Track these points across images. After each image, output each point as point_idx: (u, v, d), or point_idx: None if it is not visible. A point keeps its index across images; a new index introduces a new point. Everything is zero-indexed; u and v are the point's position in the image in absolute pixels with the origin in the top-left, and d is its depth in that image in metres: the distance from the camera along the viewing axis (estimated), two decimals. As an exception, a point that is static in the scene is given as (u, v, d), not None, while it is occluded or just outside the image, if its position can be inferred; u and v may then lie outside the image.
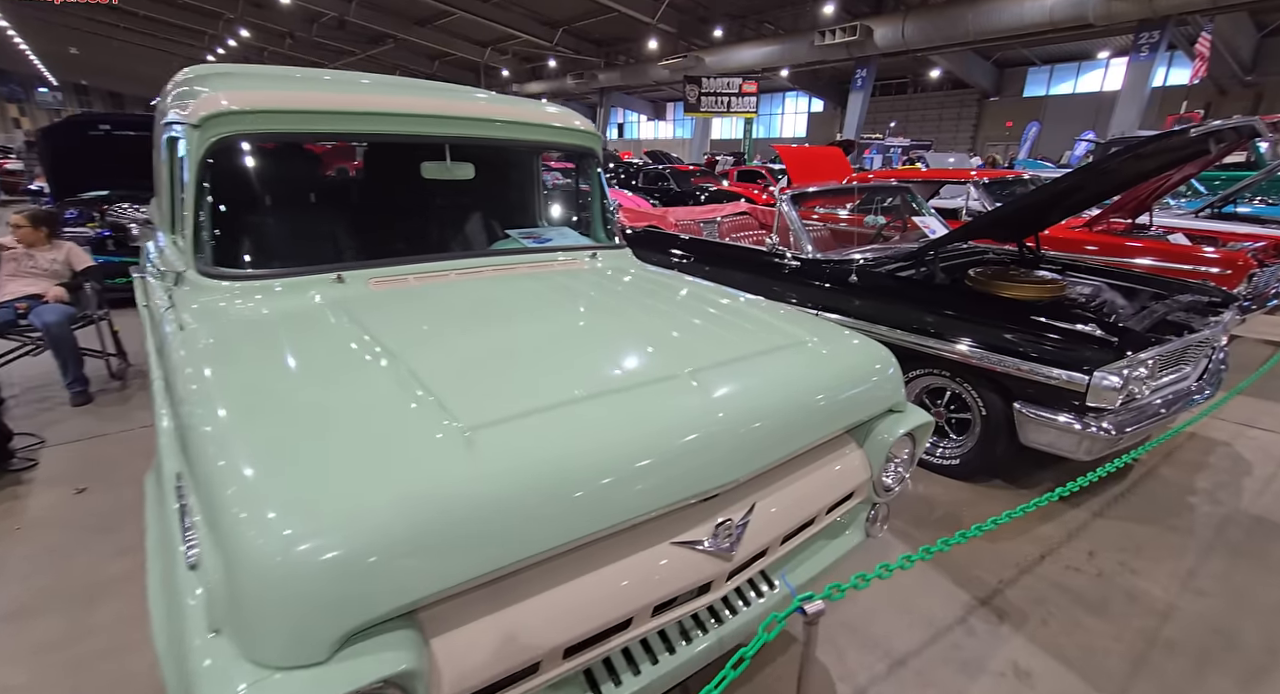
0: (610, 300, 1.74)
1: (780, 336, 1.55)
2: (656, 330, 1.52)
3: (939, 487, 2.68)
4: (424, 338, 1.31)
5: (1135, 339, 2.29)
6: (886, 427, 1.55)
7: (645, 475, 1.03)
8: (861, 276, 2.95)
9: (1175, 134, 2.17)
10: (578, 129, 2.23)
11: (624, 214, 4.43)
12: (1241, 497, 2.61)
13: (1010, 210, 2.62)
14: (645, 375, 1.22)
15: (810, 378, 1.41)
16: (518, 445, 0.96)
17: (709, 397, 1.21)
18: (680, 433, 1.11)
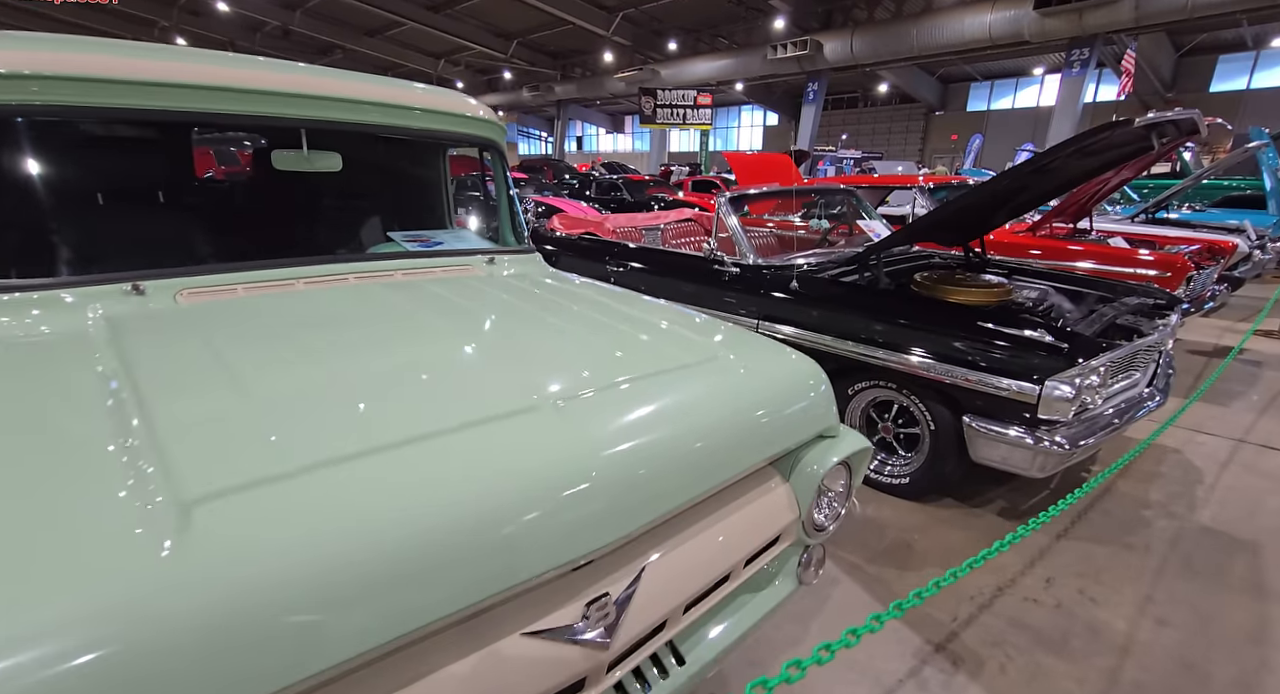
0: (487, 312, 1.46)
1: (688, 352, 1.29)
2: (530, 347, 1.25)
3: (889, 508, 2.47)
4: (202, 370, 1.00)
5: (1086, 345, 2.14)
6: (817, 455, 1.31)
7: (463, 554, 0.75)
8: (802, 283, 2.75)
9: (1120, 124, 2.05)
10: (473, 117, 1.96)
11: (560, 221, 4.17)
12: (1195, 508, 2.50)
13: (950, 211, 2.48)
14: (492, 408, 0.95)
15: (721, 401, 1.16)
16: (250, 529, 0.66)
17: (580, 431, 0.94)
18: (529, 485, 0.83)
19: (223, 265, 1.41)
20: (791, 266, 2.92)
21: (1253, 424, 3.31)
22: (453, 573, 0.74)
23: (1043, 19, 13.35)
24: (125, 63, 1.35)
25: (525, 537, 0.80)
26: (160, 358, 1.02)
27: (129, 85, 1.33)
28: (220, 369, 0.99)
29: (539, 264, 2.00)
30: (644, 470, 0.96)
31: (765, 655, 1.73)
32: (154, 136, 1.64)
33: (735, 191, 3.29)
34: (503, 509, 0.80)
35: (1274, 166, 7.06)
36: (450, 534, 0.75)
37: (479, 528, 0.78)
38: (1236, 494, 2.60)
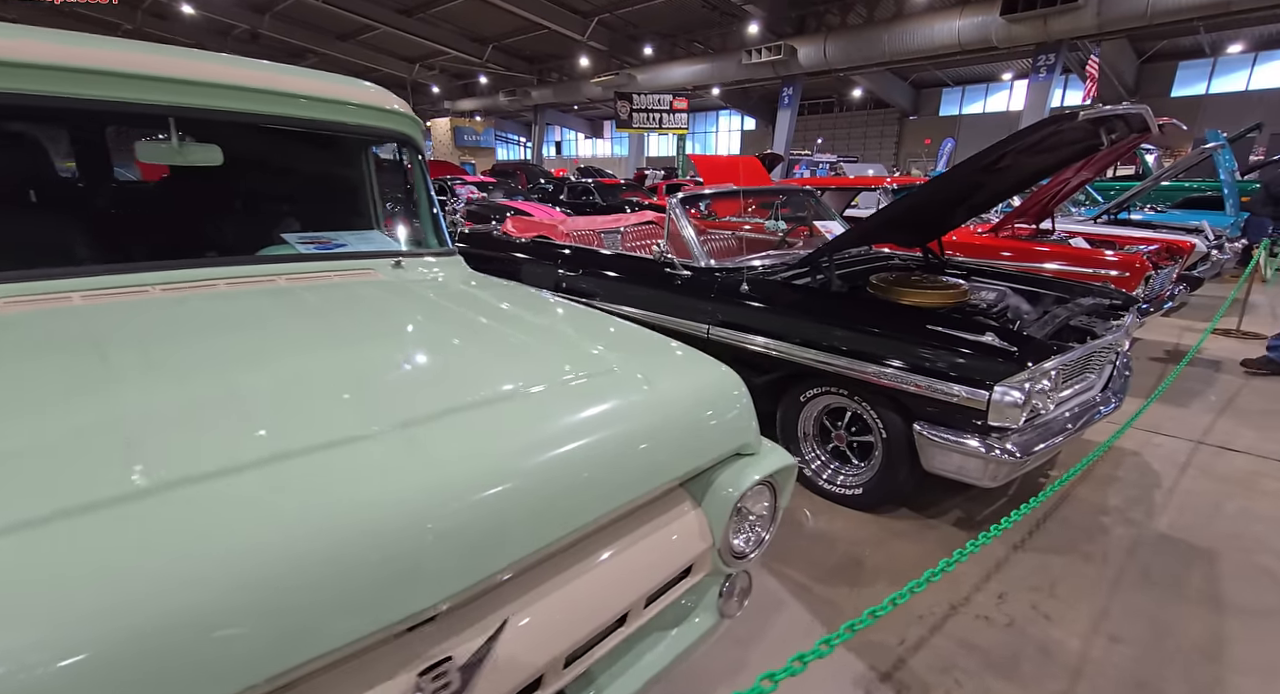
0: (365, 321, 1.31)
1: (583, 364, 1.16)
2: (398, 362, 1.11)
3: (840, 521, 2.37)
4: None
5: (1036, 348, 2.06)
6: (733, 475, 1.19)
7: (250, 619, 0.61)
8: (752, 286, 2.64)
9: (1064, 117, 1.97)
10: (383, 109, 1.82)
11: (514, 223, 4.03)
12: (1153, 514, 2.43)
13: (898, 210, 2.39)
14: (316, 437, 0.80)
15: (611, 420, 1.03)
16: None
17: (422, 463, 0.81)
18: (344, 533, 0.69)
19: (65, 269, 1.25)
20: (743, 269, 2.81)
21: (1210, 425, 3.28)
22: (235, 643, 0.60)
23: (1009, 25, 13.57)
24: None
25: (331, 594, 0.66)
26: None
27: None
28: (18, 391, 0.84)
29: (458, 267, 1.86)
30: (505, 506, 0.83)
31: (702, 688, 1.60)
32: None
33: (688, 192, 3.18)
34: (305, 564, 0.66)
35: (1230, 168, 7.19)
36: (232, 594, 0.61)
37: (270, 585, 0.63)
38: (1194, 498, 2.54)
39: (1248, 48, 17.68)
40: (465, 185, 9.02)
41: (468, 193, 8.76)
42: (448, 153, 28.76)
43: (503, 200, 8.70)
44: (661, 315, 2.90)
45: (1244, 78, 18.25)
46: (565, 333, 1.33)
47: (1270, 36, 17.13)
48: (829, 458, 2.57)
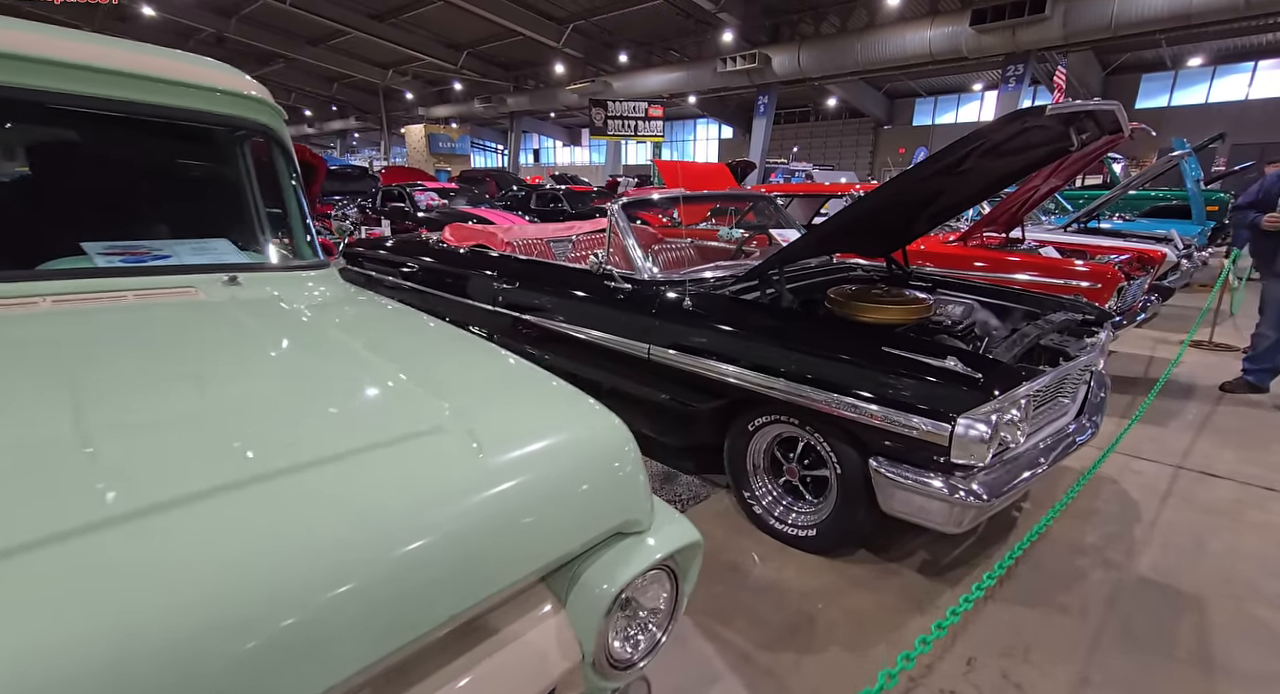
0: (124, 362, 1.00)
1: (407, 417, 0.88)
2: (134, 425, 0.81)
3: (792, 566, 2.09)
4: None
5: (1004, 374, 1.81)
6: (614, 562, 0.91)
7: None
8: (696, 301, 2.37)
9: (1029, 112, 1.74)
10: (234, 93, 1.51)
11: (451, 231, 3.72)
12: (1134, 553, 2.20)
13: (854, 214, 2.15)
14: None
15: (423, 503, 0.75)
16: None
17: (105, 582, 0.51)
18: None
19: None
20: (686, 283, 2.55)
21: (1190, 446, 3.09)
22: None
23: (979, 35, 13.69)
24: None
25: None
26: None
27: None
28: None
29: (322, 283, 1.55)
30: (234, 651, 0.54)
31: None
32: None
33: (631, 196, 2.91)
34: None
35: (1196, 177, 7.18)
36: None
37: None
38: (1177, 534, 2.33)
39: (1207, 61, 18.15)
40: (425, 192, 8.68)
41: (427, 200, 8.42)
42: (422, 159, 28.24)
43: (465, 207, 8.37)
44: (599, 333, 2.62)
45: (1204, 91, 18.72)
46: (405, 373, 1.03)
47: (1228, 51, 17.62)
48: (781, 493, 2.30)
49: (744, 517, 2.34)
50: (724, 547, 2.21)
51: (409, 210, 8.19)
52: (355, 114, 34.32)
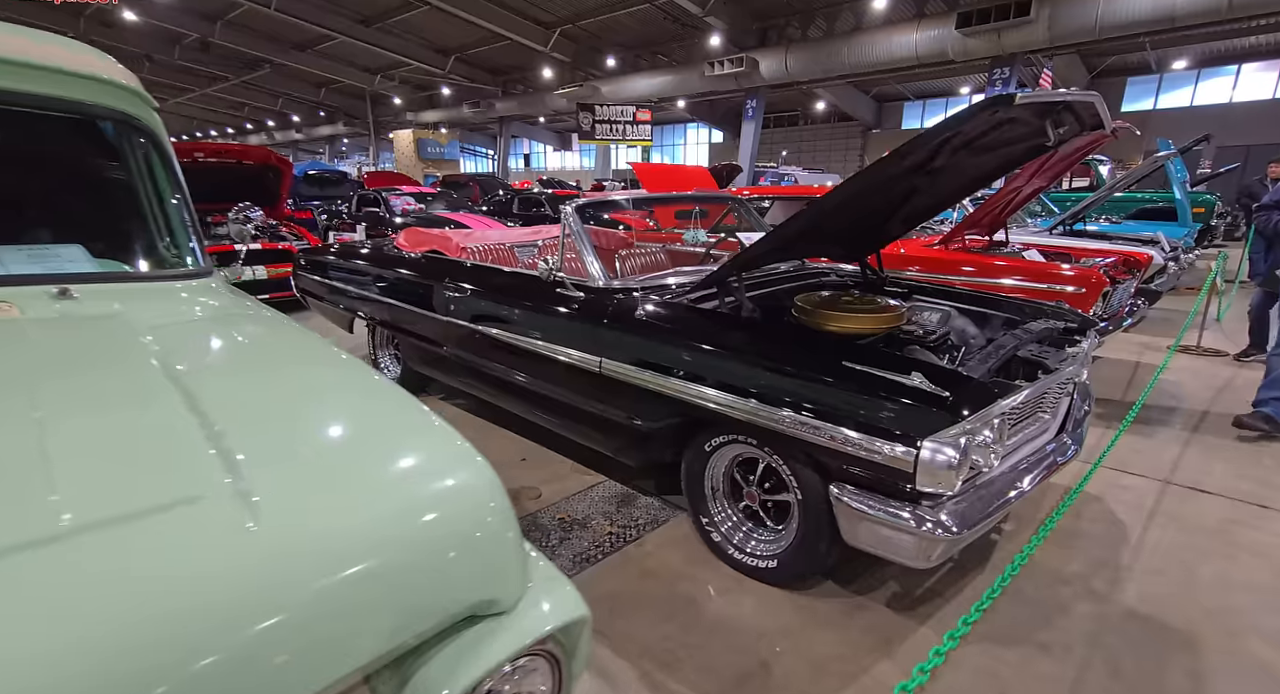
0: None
1: (169, 484, 0.69)
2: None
3: (750, 601, 1.92)
4: None
5: (976, 392, 1.65)
6: (459, 655, 0.72)
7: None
8: (651, 310, 2.20)
9: (999, 101, 1.58)
10: (93, 77, 1.33)
11: (406, 237, 3.55)
12: (1120, 581, 2.04)
13: (817, 214, 1.98)
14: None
15: (169, 590, 0.56)
16: None
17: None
18: None
19: None
20: (644, 290, 2.38)
21: (1178, 459, 2.93)
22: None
23: (965, 38, 13.66)
24: None
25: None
26: None
27: None
28: None
29: (199, 293, 1.37)
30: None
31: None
32: None
33: (587, 198, 2.74)
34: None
35: (1182, 179, 7.10)
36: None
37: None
38: (1167, 559, 2.16)
39: (1191, 64, 18.23)
40: (401, 196, 8.48)
41: (403, 204, 8.23)
42: (411, 165, 28.04)
43: (442, 212, 8.19)
44: (550, 344, 2.45)
45: (1189, 94, 18.81)
46: (212, 419, 0.83)
47: (1212, 54, 17.71)
48: (741, 519, 2.13)
49: (703, 544, 2.17)
50: (679, 577, 2.04)
51: (384, 215, 7.99)
52: (344, 119, 34.09)
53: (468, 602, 0.72)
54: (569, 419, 2.55)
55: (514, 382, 2.73)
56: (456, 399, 3.60)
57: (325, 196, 10.94)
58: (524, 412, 2.84)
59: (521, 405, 2.82)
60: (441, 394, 3.69)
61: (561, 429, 2.64)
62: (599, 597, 1.92)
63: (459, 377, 3.10)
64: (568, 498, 2.54)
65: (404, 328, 3.33)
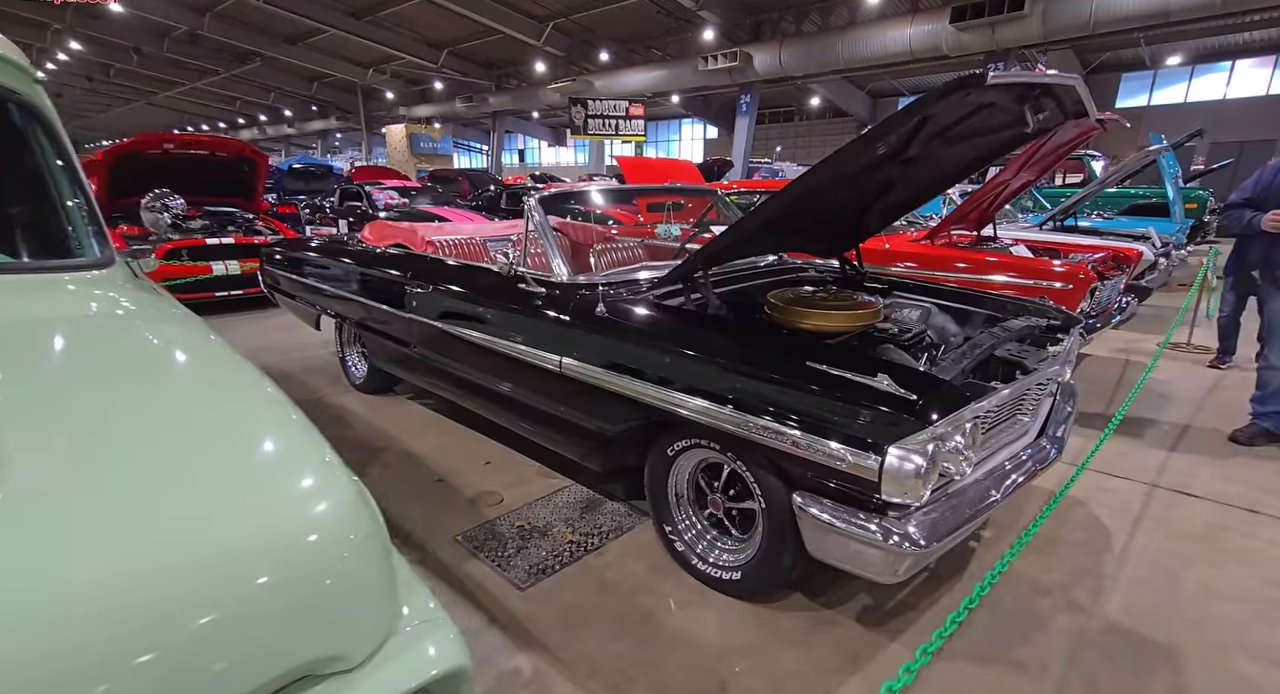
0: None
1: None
2: None
3: (712, 614, 1.81)
4: None
5: (946, 395, 1.54)
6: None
7: None
8: (612, 307, 2.09)
9: (969, 80, 1.47)
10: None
11: (371, 231, 3.42)
12: (1102, 592, 1.94)
13: (782, 205, 1.86)
14: None
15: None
16: None
17: None
18: None
19: None
20: (607, 286, 2.26)
21: (1165, 462, 2.84)
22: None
23: (959, 33, 13.54)
24: None
25: None
26: None
27: None
28: None
29: (93, 286, 1.25)
30: None
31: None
32: None
33: (552, 190, 2.63)
34: None
35: (1174, 174, 7.02)
36: None
37: None
38: (1151, 567, 2.07)
39: (1185, 60, 18.16)
40: (385, 190, 8.32)
41: (386, 198, 8.08)
42: (404, 160, 27.81)
43: (426, 207, 8.05)
44: (510, 343, 2.33)
45: (1183, 90, 18.75)
46: (13, 441, 0.71)
47: (1206, 50, 17.64)
48: (706, 527, 2.02)
49: (667, 553, 2.06)
50: (639, 589, 1.93)
51: (366, 210, 7.85)
52: (336, 114, 33.77)
53: (297, 663, 0.60)
54: (531, 422, 2.44)
55: (476, 381, 2.62)
56: (425, 399, 3.49)
57: (311, 191, 10.77)
58: (488, 413, 2.72)
59: (485, 406, 2.71)
60: (410, 394, 3.57)
61: (525, 432, 2.53)
62: (552, 611, 1.82)
63: (423, 376, 2.99)
64: (530, 504, 2.43)
65: (368, 325, 3.21)
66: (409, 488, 2.54)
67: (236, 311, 5.65)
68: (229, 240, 5.57)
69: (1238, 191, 3.11)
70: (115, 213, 5.68)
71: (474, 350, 2.52)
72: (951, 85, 1.46)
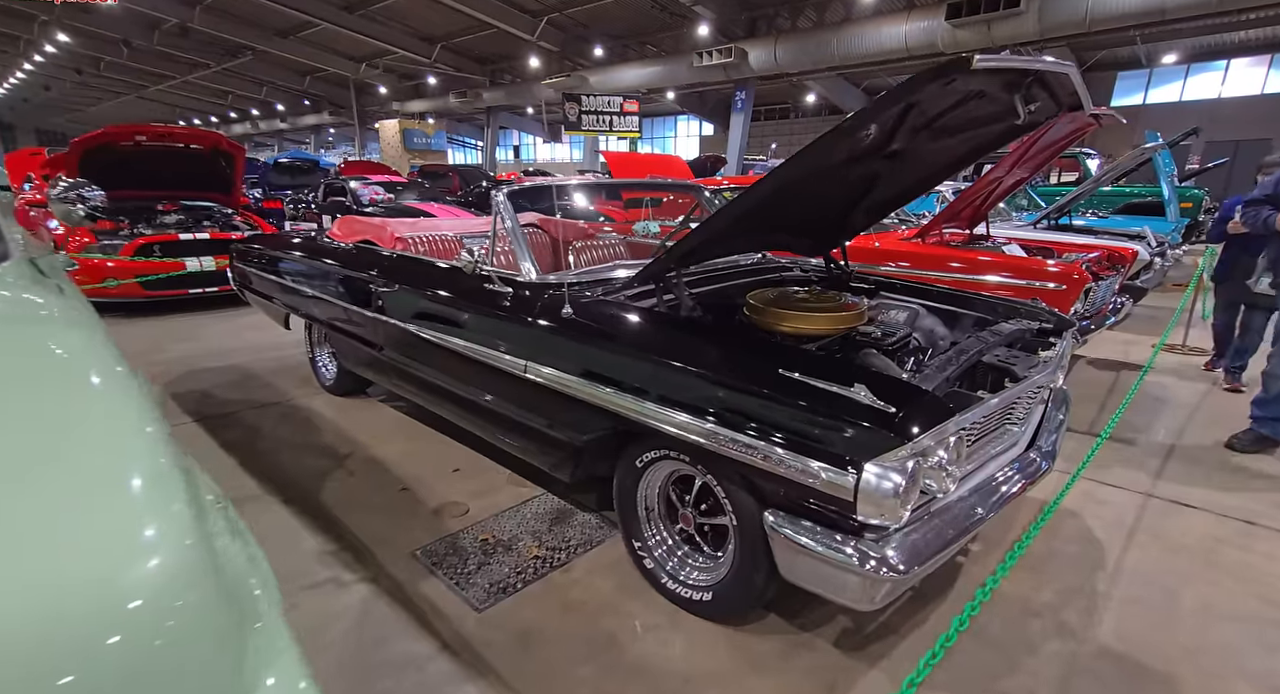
0: None
1: None
2: None
3: (681, 638, 1.70)
4: None
5: (929, 406, 1.43)
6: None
7: None
8: (578, 308, 1.96)
9: (954, 63, 1.35)
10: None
11: (339, 227, 3.29)
12: (1094, 614, 1.83)
13: (756, 200, 1.73)
14: None
15: None
16: None
17: None
18: None
19: None
20: (578, 286, 2.14)
21: (1161, 469, 2.75)
22: None
23: (955, 30, 13.43)
24: None
25: None
26: None
27: None
28: None
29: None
30: None
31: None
32: None
33: (523, 184, 2.50)
34: None
35: (1170, 172, 6.93)
36: None
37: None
38: (1146, 585, 1.97)
39: (1181, 59, 18.10)
40: (370, 185, 8.16)
41: (371, 194, 7.92)
42: (397, 155, 27.55)
43: (412, 202, 7.89)
44: (474, 346, 2.21)
45: (1178, 89, 18.70)
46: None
47: (1202, 49, 17.59)
48: (677, 543, 1.91)
49: (637, 570, 1.94)
50: (605, 609, 1.81)
51: (350, 205, 7.69)
52: (329, 108, 33.45)
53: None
54: (500, 430, 2.32)
55: (443, 386, 2.49)
56: (396, 402, 3.36)
57: (297, 185, 10.60)
58: (457, 419, 2.60)
59: (453, 411, 2.58)
60: (382, 396, 3.44)
61: (493, 439, 2.41)
62: (509, 634, 1.70)
63: (390, 378, 2.86)
64: (497, 515, 2.31)
65: (334, 325, 3.08)
66: (371, 498, 2.42)
67: (212, 309, 5.51)
68: (204, 235, 5.42)
69: (1259, 187, 3.06)
70: (87, 207, 5.52)
71: (440, 353, 2.40)
72: (933, 71, 1.34)
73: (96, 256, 4.98)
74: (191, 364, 4.02)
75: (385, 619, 1.74)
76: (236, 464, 2.65)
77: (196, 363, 4.05)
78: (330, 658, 1.61)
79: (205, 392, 3.53)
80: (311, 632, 1.70)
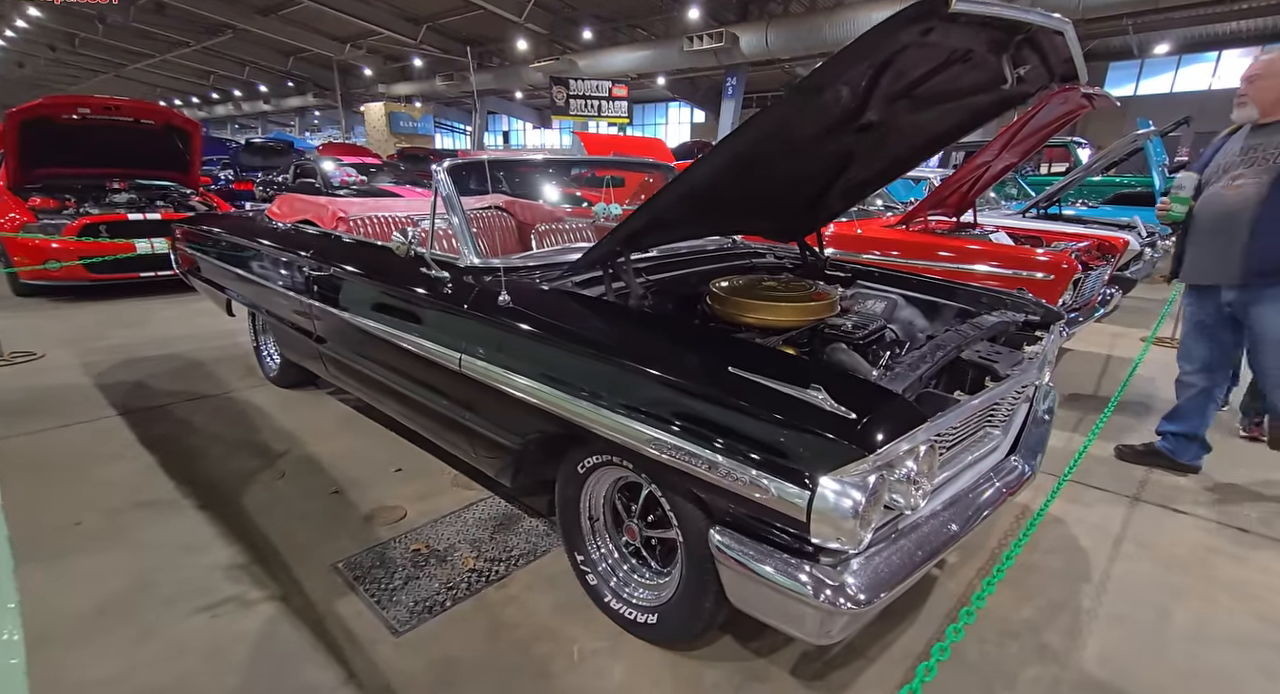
0: None
1: None
2: None
3: (623, 664, 1.52)
4: None
5: (896, 411, 1.24)
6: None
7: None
8: (516, 295, 1.75)
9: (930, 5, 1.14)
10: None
11: (280, 205, 3.04)
12: (1079, 635, 1.67)
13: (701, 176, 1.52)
14: None
15: None
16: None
17: None
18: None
19: None
20: (521, 270, 1.93)
21: (1148, 473, 2.59)
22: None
23: (948, 16, 13.21)
24: None
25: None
26: None
27: None
28: None
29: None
30: None
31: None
32: None
33: (462, 159, 2.27)
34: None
35: (1161, 161, 6.80)
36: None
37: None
38: (1134, 602, 1.81)
39: (1173, 50, 17.98)
40: (343, 166, 7.85)
41: (343, 175, 7.61)
42: (383, 139, 26.93)
43: (386, 185, 7.61)
44: (407, 336, 2.00)
45: (1169, 80, 18.62)
46: None
47: (1193, 39, 17.47)
48: (623, 556, 1.72)
49: (580, 586, 1.76)
50: (540, 633, 1.63)
51: (320, 186, 7.39)
52: (314, 90, 32.62)
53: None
54: (439, 427, 2.12)
55: (382, 380, 2.28)
56: (344, 395, 3.14)
57: (269, 167, 10.23)
58: (399, 416, 2.39)
59: (394, 408, 2.38)
60: (330, 388, 3.22)
61: (436, 439, 2.21)
62: (427, 662, 1.51)
63: (330, 370, 2.65)
64: (435, 521, 2.11)
65: (272, 312, 2.85)
66: (298, 502, 2.21)
67: (165, 294, 5.23)
68: (155, 216, 5.13)
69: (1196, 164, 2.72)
70: (31, 184, 5.22)
71: (376, 344, 2.19)
72: (905, 14, 1.14)
73: (37, 236, 4.69)
74: (131, 352, 3.77)
75: (289, 643, 1.55)
76: (153, 464, 2.43)
77: (136, 351, 3.80)
78: (222, 687, 1.41)
79: (139, 382, 3.29)
80: (206, 655, 1.50)
